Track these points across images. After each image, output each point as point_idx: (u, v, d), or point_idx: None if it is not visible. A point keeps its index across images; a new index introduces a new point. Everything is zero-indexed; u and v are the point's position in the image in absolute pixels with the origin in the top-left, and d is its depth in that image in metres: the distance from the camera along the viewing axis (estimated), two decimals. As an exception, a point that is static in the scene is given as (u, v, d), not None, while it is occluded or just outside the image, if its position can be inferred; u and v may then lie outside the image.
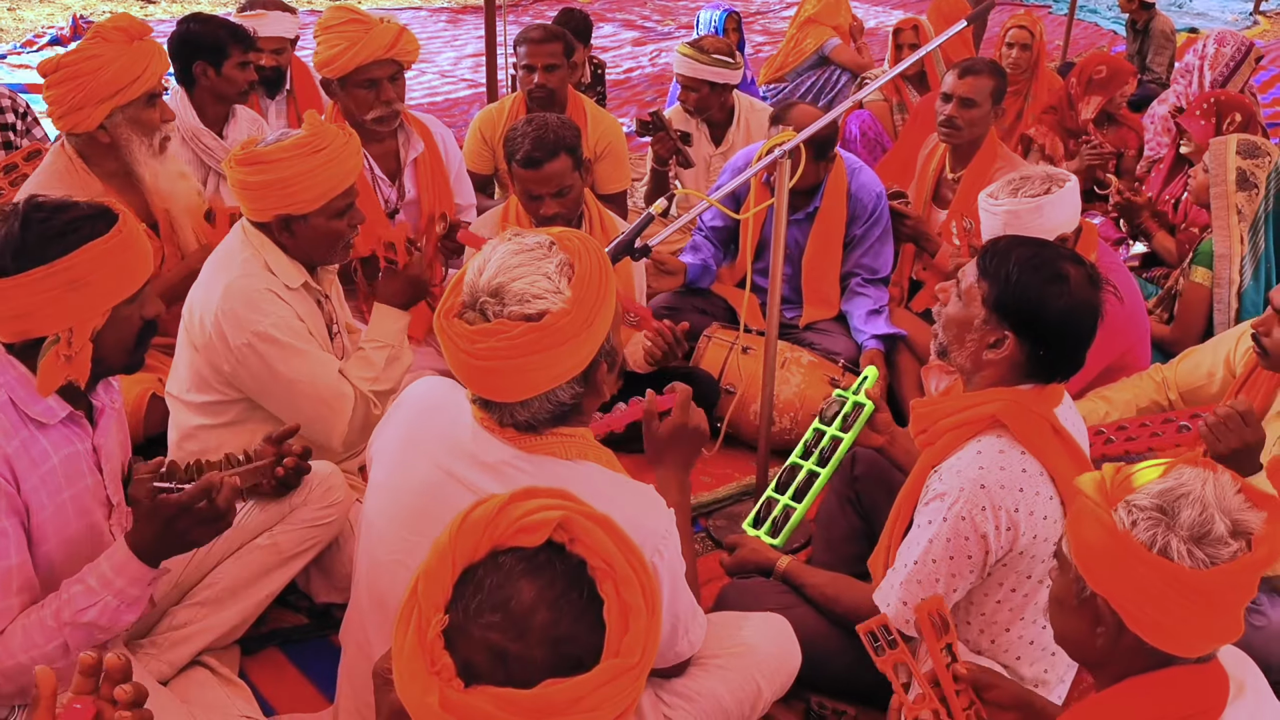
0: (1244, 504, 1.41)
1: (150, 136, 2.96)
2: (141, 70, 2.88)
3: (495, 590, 1.16)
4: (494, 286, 1.63)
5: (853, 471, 2.73)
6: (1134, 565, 1.38)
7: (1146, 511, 1.40)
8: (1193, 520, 1.38)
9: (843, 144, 5.11)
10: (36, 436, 1.89)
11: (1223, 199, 3.48)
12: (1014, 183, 2.82)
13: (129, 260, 1.90)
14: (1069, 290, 1.98)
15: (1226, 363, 2.83)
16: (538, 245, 1.67)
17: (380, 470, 1.88)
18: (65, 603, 1.86)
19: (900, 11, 10.54)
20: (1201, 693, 1.43)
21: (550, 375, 1.64)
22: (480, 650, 1.14)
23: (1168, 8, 11.34)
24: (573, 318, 1.61)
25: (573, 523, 1.21)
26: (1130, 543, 1.39)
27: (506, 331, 1.59)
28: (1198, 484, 1.40)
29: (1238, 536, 1.38)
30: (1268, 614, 2.40)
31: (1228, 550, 1.37)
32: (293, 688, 2.43)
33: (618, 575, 1.18)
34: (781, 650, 2.13)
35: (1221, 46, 5.19)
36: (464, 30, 10.24)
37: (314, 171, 2.44)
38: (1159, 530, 1.38)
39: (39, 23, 9.46)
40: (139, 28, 2.96)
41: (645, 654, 1.17)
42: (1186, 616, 1.38)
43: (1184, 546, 1.37)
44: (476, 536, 1.20)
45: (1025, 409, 2.01)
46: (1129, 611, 1.41)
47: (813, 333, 3.75)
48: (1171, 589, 1.36)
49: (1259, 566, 1.37)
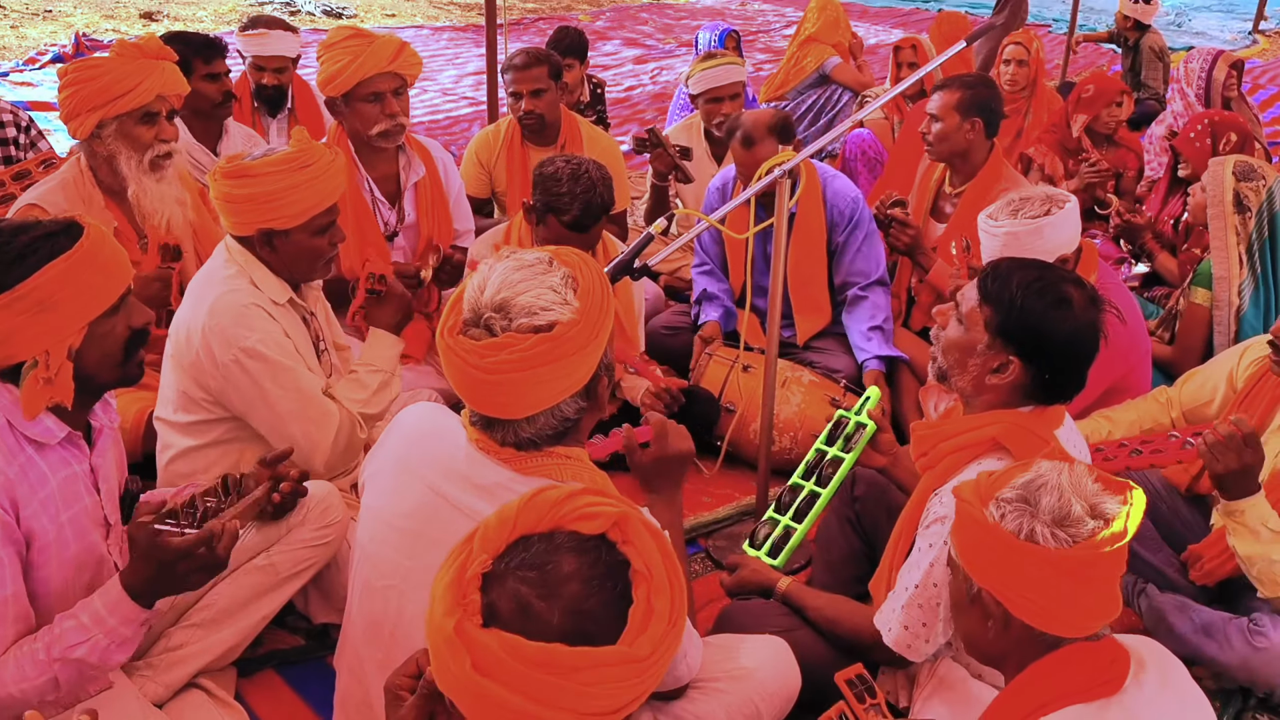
0: (1100, 490, 1.55)
1: (140, 153, 2.96)
2: (134, 85, 2.89)
3: (541, 554, 1.23)
4: (498, 302, 1.64)
5: (853, 492, 2.72)
6: (1007, 554, 1.51)
7: (1012, 504, 1.54)
8: (1052, 505, 1.51)
9: (843, 162, 5.13)
10: (35, 459, 1.88)
11: (1220, 219, 3.48)
12: (1014, 204, 2.81)
13: (96, 274, 1.87)
14: (1073, 314, 1.98)
15: (1229, 378, 2.82)
16: (538, 261, 1.69)
17: (373, 495, 1.88)
18: (57, 638, 1.85)
19: (900, 30, 10.58)
20: (1097, 666, 1.52)
21: (558, 388, 1.66)
22: (508, 599, 1.20)
23: (1166, 27, 11.37)
24: (581, 328, 1.63)
25: (630, 525, 1.27)
26: (1000, 533, 1.52)
27: (518, 344, 1.60)
28: (1054, 474, 1.55)
29: (1096, 517, 1.51)
30: (1269, 636, 2.39)
31: (1086, 529, 1.50)
32: (289, 710, 2.41)
33: (654, 582, 1.23)
34: (781, 673, 2.12)
35: (1189, 64, 5.31)
36: (465, 49, 10.27)
37: (298, 187, 2.44)
38: (1024, 519, 1.51)
39: (42, 40, 9.48)
40: (156, 48, 2.98)
41: (656, 655, 1.21)
42: (1061, 595, 1.49)
43: (1047, 530, 1.50)
44: (542, 512, 1.27)
45: (1026, 431, 2.01)
46: (1010, 599, 1.53)
47: (812, 351, 3.74)
48: (1042, 570, 1.49)
49: (1117, 540, 1.49)
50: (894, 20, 12.70)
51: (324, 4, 12.13)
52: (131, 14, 11.15)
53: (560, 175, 3.07)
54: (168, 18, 11.15)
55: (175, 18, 11.19)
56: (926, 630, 2.06)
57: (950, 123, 3.62)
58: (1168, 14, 12.89)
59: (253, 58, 4.51)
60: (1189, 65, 5.39)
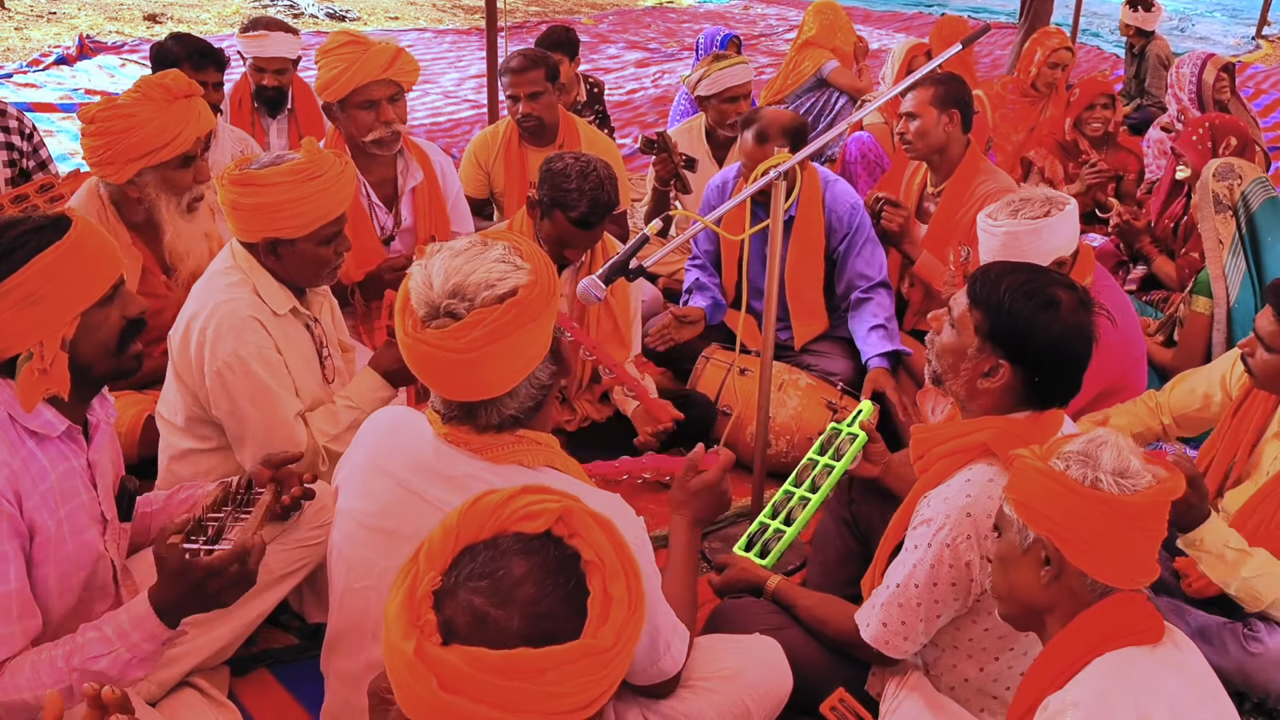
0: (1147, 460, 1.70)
1: (179, 196, 2.94)
2: (175, 135, 2.85)
3: (488, 562, 1.21)
4: (451, 288, 1.66)
5: (849, 493, 2.73)
6: (1070, 498, 1.63)
7: (1075, 456, 1.66)
8: (1113, 460, 1.64)
9: (843, 165, 5.13)
10: (36, 453, 1.89)
11: (1208, 221, 3.53)
12: (1013, 204, 2.82)
13: (86, 265, 1.88)
14: (1060, 316, 1.97)
15: (1222, 386, 2.82)
16: (471, 244, 1.72)
17: (345, 498, 1.89)
18: (78, 648, 1.85)
19: (904, 35, 10.58)
20: (1143, 618, 1.65)
21: (530, 354, 1.69)
22: (463, 611, 1.18)
23: (1169, 32, 11.37)
24: (540, 288, 1.67)
25: (574, 517, 1.26)
26: (1066, 479, 1.64)
27: (488, 317, 1.63)
28: (1111, 437, 1.68)
29: (1149, 472, 1.65)
30: (1265, 641, 2.39)
31: (1144, 480, 1.63)
32: (282, 709, 2.41)
33: (607, 570, 1.22)
34: (772, 673, 2.12)
35: (1180, 69, 5.35)
36: (467, 51, 10.29)
37: (306, 199, 2.43)
38: (1087, 469, 1.64)
39: (45, 42, 9.51)
40: (184, 87, 2.92)
41: (620, 643, 1.19)
42: (1119, 541, 1.61)
43: (1110, 479, 1.62)
44: (483, 519, 1.25)
45: (1016, 438, 2.00)
46: (1070, 544, 1.64)
47: (809, 355, 3.75)
48: (1105, 514, 1.60)
49: (1170, 494, 1.63)
50: (897, 24, 12.72)
51: (327, 6, 12.15)
52: (135, 16, 11.19)
53: (569, 172, 3.08)
54: (171, 20, 11.18)
55: (179, 20, 11.21)
56: (906, 629, 2.06)
57: (929, 118, 3.64)
58: (1170, 19, 12.89)
59: (253, 59, 4.53)
60: (1180, 70, 5.44)
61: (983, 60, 10.31)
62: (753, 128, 3.51)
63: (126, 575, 2.17)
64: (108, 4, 11.71)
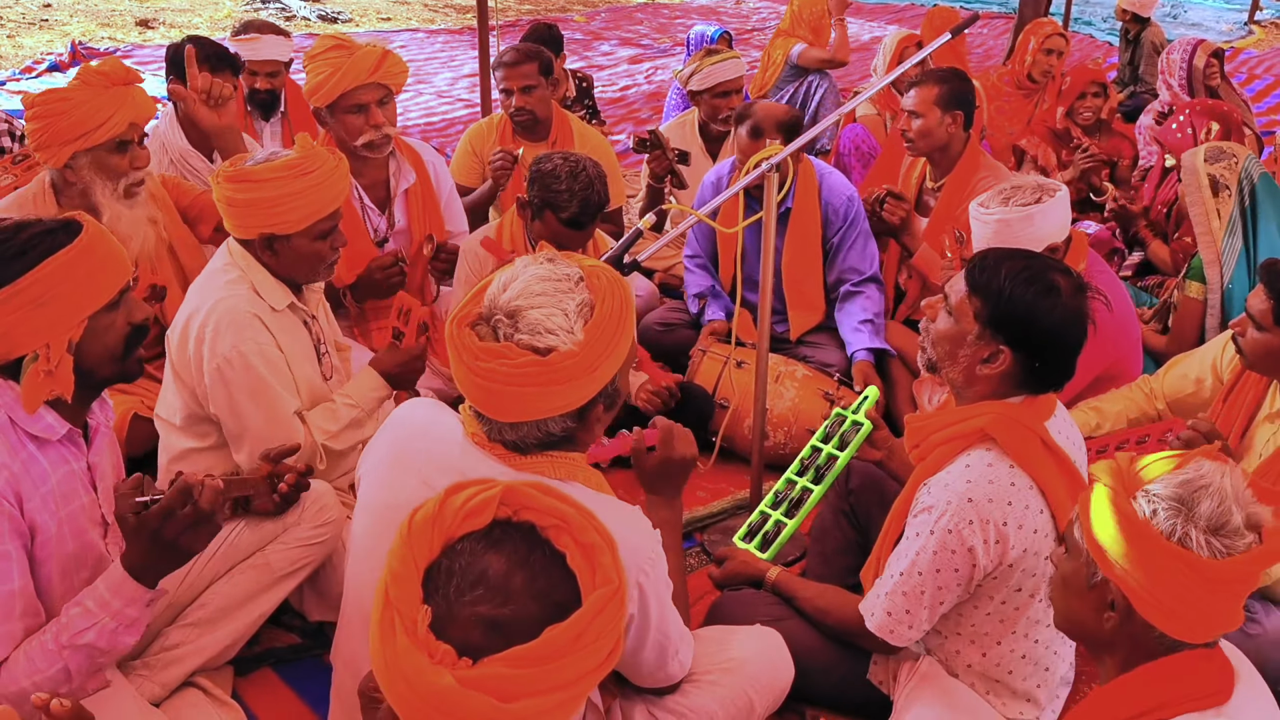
0: (1253, 498, 1.47)
1: (114, 181, 2.92)
2: (107, 117, 2.83)
3: (467, 570, 1.20)
4: (512, 308, 1.64)
5: (848, 484, 2.73)
6: (1152, 552, 1.43)
7: (1166, 501, 1.45)
8: (1211, 511, 1.43)
9: (836, 157, 5.14)
10: (36, 455, 1.90)
11: (1199, 206, 3.52)
12: (1005, 192, 2.84)
13: (95, 269, 1.90)
14: (1061, 301, 1.98)
15: (1214, 369, 2.83)
16: (566, 278, 1.67)
17: (368, 490, 1.89)
18: (64, 625, 1.87)
19: (895, 26, 10.58)
20: (1211, 676, 1.48)
21: (546, 407, 1.66)
22: (473, 627, 1.17)
23: (1162, 18, 11.38)
24: (578, 360, 1.62)
25: (514, 495, 1.27)
26: (1150, 531, 1.44)
27: (511, 358, 1.60)
28: (1217, 476, 1.46)
29: (1250, 528, 1.44)
30: (1262, 622, 2.40)
31: (1243, 542, 1.43)
32: (286, 708, 2.42)
33: (571, 526, 1.24)
34: (773, 664, 2.13)
35: (1170, 55, 5.37)
36: (460, 51, 10.28)
37: (301, 194, 2.44)
38: (1179, 520, 1.43)
39: (38, 49, 9.50)
40: (123, 74, 2.91)
41: (620, 575, 1.23)
42: (1198, 603, 1.43)
43: (1202, 537, 1.42)
44: (428, 534, 1.24)
45: (1014, 422, 2.01)
46: (1141, 598, 1.46)
47: (805, 346, 3.76)
48: (1187, 577, 1.42)
49: (1269, 558, 1.43)
50: (889, 16, 12.71)
51: (318, 8, 12.14)
52: (128, 22, 11.18)
53: (559, 172, 3.09)
54: (164, 25, 11.18)
55: (171, 25, 11.21)
56: (910, 617, 2.07)
57: (932, 118, 3.64)
58: (1164, 5, 12.89)
59: (245, 62, 4.52)
60: (1170, 56, 5.46)
61: (975, 51, 10.32)
62: (747, 123, 3.52)
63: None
64: (100, 10, 11.70)
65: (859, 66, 8.94)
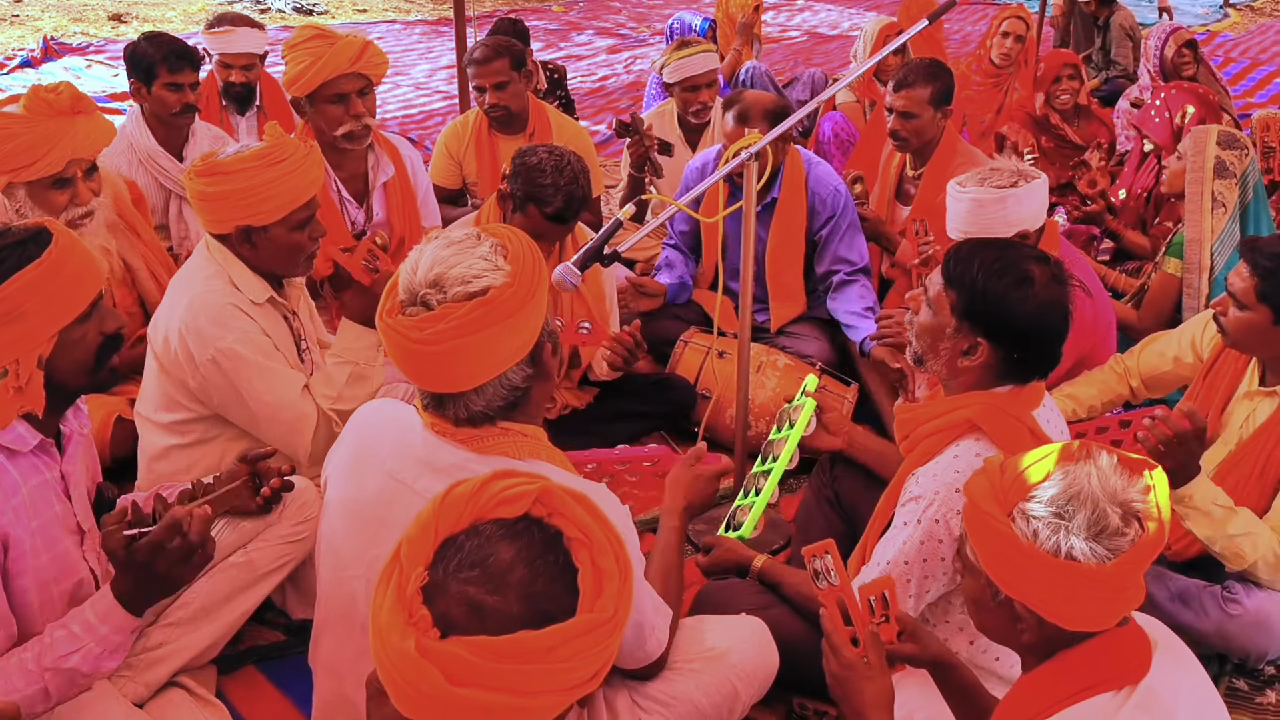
0: (1126, 483, 1.48)
1: (55, 215, 2.76)
2: (43, 154, 2.69)
3: (475, 550, 1.21)
4: (432, 278, 1.66)
5: (831, 471, 2.74)
6: (1044, 572, 1.44)
7: (1044, 520, 1.46)
8: (1088, 519, 1.44)
9: (816, 145, 5.13)
10: (7, 467, 1.87)
11: (1198, 184, 3.51)
12: (983, 173, 2.87)
13: (66, 282, 1.86)
14: (1034, 292, 1.98)
15: (1193, 347, 2.85)
16: (466, 237, 1.72)
17: (334, 489, 1.88)
18: (47, 647, 1.84)
19: (874, 13, 10.57)
20: (1128, 652, 1.50)
21: (501, 355, 1.68)
22: (458, 604, 1.17)
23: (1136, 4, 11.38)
24: (515, 290, 1.66)
25: (551, 497, 1.26)
26: (1036, 553, 1.45)
27: (454, 312, 1.63)
28: (1085, 480, 1.46)
29: (1129, 521, 1.45)
30: (1243, 603, 2.42)
31: (1126, 539, 1.44)
32: (270, 706, 2.41)
33: (593, 545, 1.23)
34: (758, 652, 2.13)
35: (1148, 40, 5.41)
36: (439, 43, 10.22)
37: (274, 182, 2.42)
38: (1060, 536, 1.44)
39: (9, 45, 9.39)
40: (71, 103, 2.75)
41: (619, 611, 1.21)
42: (1101, 601, 1.45)
43: (1086, 546, 1.43)
44: (459, 509, 1.24)
45: (1001, 412, 2.01)
46: (1046, 609, 1.48)
47: (785, 337, 3.76)
48: (1084, 585, 1.43)
49: (1155, 547, 1.45)
50: (867, 4, 12.70)
51: (294, 1, 12.04)
52: (100, 16, 11.06)
53: (544, 166, 3.06)
54: (136, 19, 11.07)
55: (144, 19, 11.10)
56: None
57: (926, 116, 3.70)
58: (1136, -12, 12.89)
59: (219, 55, 4.49)
60: (1148, 42, 5.50)
61: (953, 38, 10.32)
62: (733, 109, 3.51)
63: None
64: (72, 5, 11.57)
65: (839, 53, 8.93)
